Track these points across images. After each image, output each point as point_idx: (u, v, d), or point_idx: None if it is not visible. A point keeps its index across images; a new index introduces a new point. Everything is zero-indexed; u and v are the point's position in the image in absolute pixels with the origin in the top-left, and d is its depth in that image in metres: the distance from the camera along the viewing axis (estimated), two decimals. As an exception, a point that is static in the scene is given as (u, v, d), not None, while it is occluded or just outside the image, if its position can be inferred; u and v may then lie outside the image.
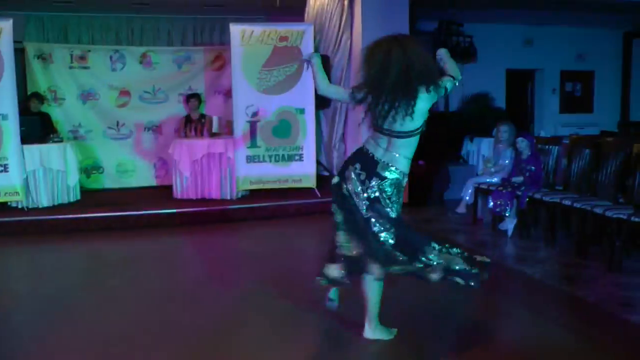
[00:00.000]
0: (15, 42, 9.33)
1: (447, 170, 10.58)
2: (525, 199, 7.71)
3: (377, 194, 4.42)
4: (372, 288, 4.61)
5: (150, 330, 5.07)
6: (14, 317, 5.60)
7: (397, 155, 4.44)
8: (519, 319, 5.25)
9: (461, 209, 9.05)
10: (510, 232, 7.98)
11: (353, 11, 10.07)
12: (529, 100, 14.89)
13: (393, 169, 4.42)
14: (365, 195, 4.44)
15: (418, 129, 4.44)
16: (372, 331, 4.69)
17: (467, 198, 8.93)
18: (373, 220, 4.44)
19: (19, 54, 10.37)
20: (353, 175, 4.48)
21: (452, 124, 12.25)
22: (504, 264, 6.84)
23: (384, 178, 4.41)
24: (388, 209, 4.43)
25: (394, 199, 4.44)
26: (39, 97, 10.67)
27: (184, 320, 5.28)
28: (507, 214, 7.94)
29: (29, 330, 5.23)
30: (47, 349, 4.82)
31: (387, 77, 4.27)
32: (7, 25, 9.01)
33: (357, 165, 4.49)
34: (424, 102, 4.36)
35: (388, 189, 4.42)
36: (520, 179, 8.02)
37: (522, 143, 8.15)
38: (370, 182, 4.42)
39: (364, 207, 4.45)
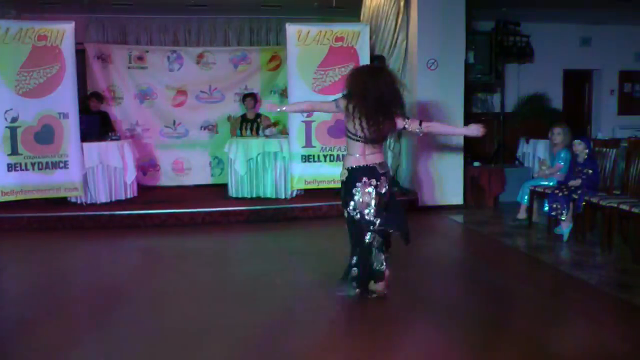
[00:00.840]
0: (76, 43, 9.61)
1: (502, 172, 10.49)
2: (582, 202, 7.61)
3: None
4: None
5: (203, 325, 5.13)
6: (72, 307, 5.77)
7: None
8: (573, 326, 5.16)
9: (522, 215, 8.96)
10: (565, 237, 7.87)
11: (409, 12, 10.04)
12: (586, 101, 14.66)
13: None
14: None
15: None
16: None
17: (525, 202, 8.84)
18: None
19: (80, 54, 10.60)
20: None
21: (507, 125, 12.16)
22: (559, 268, 6.75)
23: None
24: None
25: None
26: (98, 97, 10.89)
27: (237, 316, 5.35)
28: (563, 218, 7.84)
29: (85, 321, 5.40)
30: (103, 338, 4.95)
31: (367, 103, 5.36)
32: (69, 27, 9.29)
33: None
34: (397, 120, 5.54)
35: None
36: (577, 182, 7.90)
37: (579, 145, 8.04)
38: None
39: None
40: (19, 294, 6.30)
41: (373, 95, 5.35)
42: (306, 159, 9.78)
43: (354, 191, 5.50)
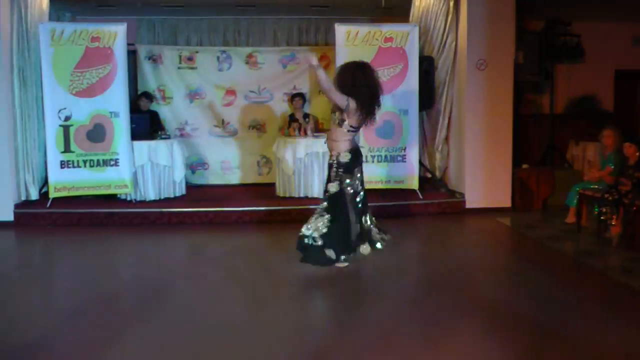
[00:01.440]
0: (128, 44, 9.80)
1: (551, 174, 10.37)
2: (632, 207, 7.49)
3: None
4: None
5: (247, 322, 5.22)
6: (120, 301, 5.92)
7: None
8: (623, 334, 5.03)
9: (570, 218, 8.86)
10: (615, 241, 7.73)
11: (458, 12, 9.97)
12: (638, 102, 14.40)
13: None
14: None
15: None
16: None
17: (574, 206, 8.73)
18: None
19: (131, 55, 10.75)
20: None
21: (556, 126, 12.02)
22: (607, 274, 6.64)
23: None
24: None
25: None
26: (148, 96, 11.04)
27: (280, 314, 5.42)
28: (612, 222, 7.73)
29: (132, 314, 5.53)
30: (148, 331, 5.06)
31: (372, 101, 6.40)
32: (121, 29, 9.47)
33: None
34: None
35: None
36: (627, 185, 7.76)
37: (630, 148, 7.91)
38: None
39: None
40: (71, 287, 6.49)
41: (374, 92, 6.40)
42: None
43: (355, 170, 6.60)
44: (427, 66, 9.92)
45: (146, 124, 10.29)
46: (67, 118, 9.37)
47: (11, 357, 4.58)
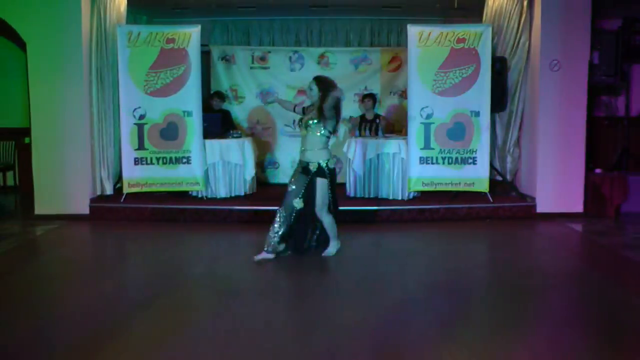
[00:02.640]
0: (202, 45, 9.96)
1: (625, 180, 10.08)
2: None
3: None
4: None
5: (310, 321, 5.20)
6: (187, 295, 6.01)
7: None
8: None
9: None
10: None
11: (532, 11, 9.80)
12: None
13: None
14: None
15: None
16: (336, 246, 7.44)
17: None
18: None
19: (205, 56, 10.94)
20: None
21: (632, 130, 11.72)
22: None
23: None
24: None
25: None
26: (220, 96, 11.22)
27: (345, 313, 5.40)
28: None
29: (205, 308, 5.63)
30: (211, 326, 5.16)
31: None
32: (195, 30, 9.67)
33: None
34: None
35: None
36: None
37: None
38: None
39: None
40: (141, 280, 6.70)
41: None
42: (424, 160, 9.74)
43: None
44: (499, 67, 9.78)
45: (218, 123, 10.45)
46: (141, 117, 9.61)
47: (84, 343, 4.73)
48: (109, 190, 9.91)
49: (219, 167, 10.00)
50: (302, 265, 7.04)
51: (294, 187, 7.22)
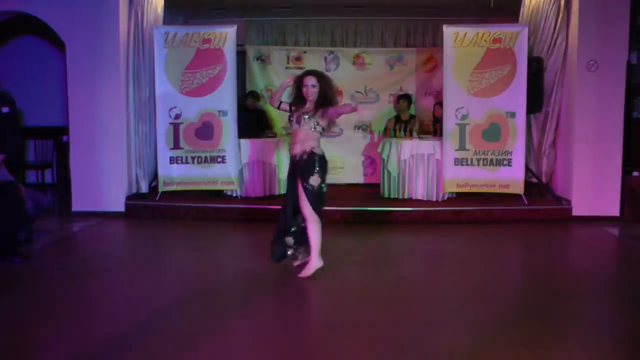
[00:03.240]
0: (237, 45, 10.04)
1: (667, 181, 9.94)
2: None
3: None
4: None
5: (348, 322, 5.17)
6: (224, 295, 6.03)
7: None
8: None
9: None
10: None
11: (570, 11, 9.68)
12: None
13: None
14: None
15: None
16: (317, 260, 6.42)
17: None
18: None
19: (240, 55, 11.00)
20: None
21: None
22: None
23: None
24: None
25: None
26: (255, 95, 11.27)
27: (380, 315, 5.36)
28: None
29: (240, 307, 5.63)
30: (257, 326, 5.17)
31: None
32: (231, 30, 9.73)
33: None
34: None
35: None
36: None
37: None
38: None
39: None
40: (177, 277, 6.73)
41: None
42: (459, 162, 9.69)
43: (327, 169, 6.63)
44: (535, 67, 9.67)
45: (253, 122, 10.52)
46: (177, 116, 9.70)
47: (121, 338, 4.80)
48: (144, 189, 10.06)
49: (253, 167, 10.06)
50: (333, 265, 7.02)
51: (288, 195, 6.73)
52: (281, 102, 6.81)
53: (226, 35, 9.73)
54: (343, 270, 6.89)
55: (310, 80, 6.49)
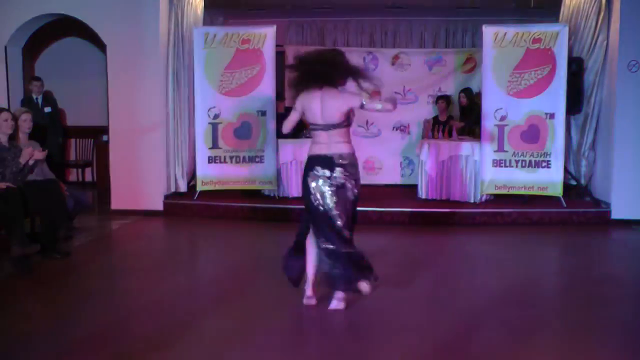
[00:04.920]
0: (276, 45, 10.11)
1: None
2: None
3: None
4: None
5: (388, 322, 5.20)
6: (262, 294, 6.06)
7: None
8: None
9: None
10: None
11: (611, 10, 9.53)
12: None
13: None
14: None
15: None
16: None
17: None
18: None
19: (280, 56, 11.02)
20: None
21: None
22: None
23: None
24: None
25: None
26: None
27: (419, 316, 5.41)
28: None
29: (275, 308, 5.64)
30: (291, 327, 5.26)
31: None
32: (270, 31, 9.81)
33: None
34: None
35: None
36: None
37: None
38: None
39: None
40: (214, 276, 6.83)
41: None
42: (497, 163, 9.61)
43: (308, 179, 5.38)
44: (575, 68, 9.55)
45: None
46: (216, 116, 9.79)
47: (157, 337, 4.88)
48: (182, 188, 10.18)
49: (291, 167, 10.11)
50: (384, 271, 6.95)
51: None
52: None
53: (265, 35, 9.78)
54: (379, 271, 6.87)
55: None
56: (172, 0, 9.88)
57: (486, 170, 9.62)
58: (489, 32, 9.58)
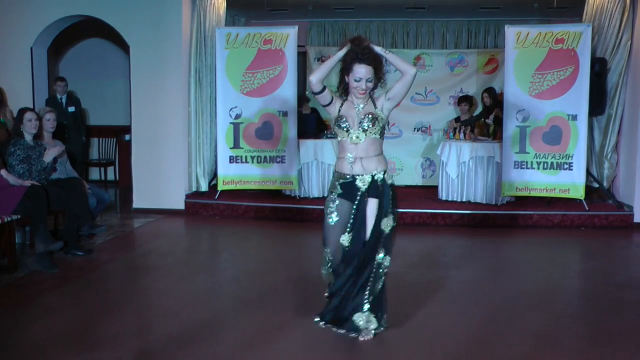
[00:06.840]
0: (298, 46, 10.14)
1: None
2: None
3: None
4: None
5: (406, 325, 5.18)
6: (283, 296, 6.05)
7: None
8: None
9: None
10: None
11: (635, 9, 9.45)
12: None
13: None
14: None
15: None
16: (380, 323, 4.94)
17: None
18: None
19: (301, 56, 11.07)
20: None
21: None
22: None
23: None
24: None
25: None
26: (305, 98, 11.28)
27: (441, 318, 5.38)
28: None
29: (295, 305, 5.68)
30: (313, 330, 5.13)
31: None
32: (292, 31, 9.82)
33: None
34: None
35: None
36: None
37: None
38: None
39: None
40: (233, 276, 6.84)
41: None
42: (519, 165, 9.56)
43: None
44: (599, 69, 9.47)
45: (312, 123, 10.57)
46: (237, 116, 9.83)
47: (177, 335, 4.90)
48: (204, 187, 10.25)
49: (312, 167, 10.14)
50: (405, 273, 6.89)
51: (335, 215, 5.00)
52: (325, 86, 5.00)
53: (287, 36, 9.81)
54: (398, 272, 6.86)
55: (367, 73, 4.83)
56: (195, 1, 9.95)
57: (507, 171, 9.57)
58: (511, 32, 9.53)
